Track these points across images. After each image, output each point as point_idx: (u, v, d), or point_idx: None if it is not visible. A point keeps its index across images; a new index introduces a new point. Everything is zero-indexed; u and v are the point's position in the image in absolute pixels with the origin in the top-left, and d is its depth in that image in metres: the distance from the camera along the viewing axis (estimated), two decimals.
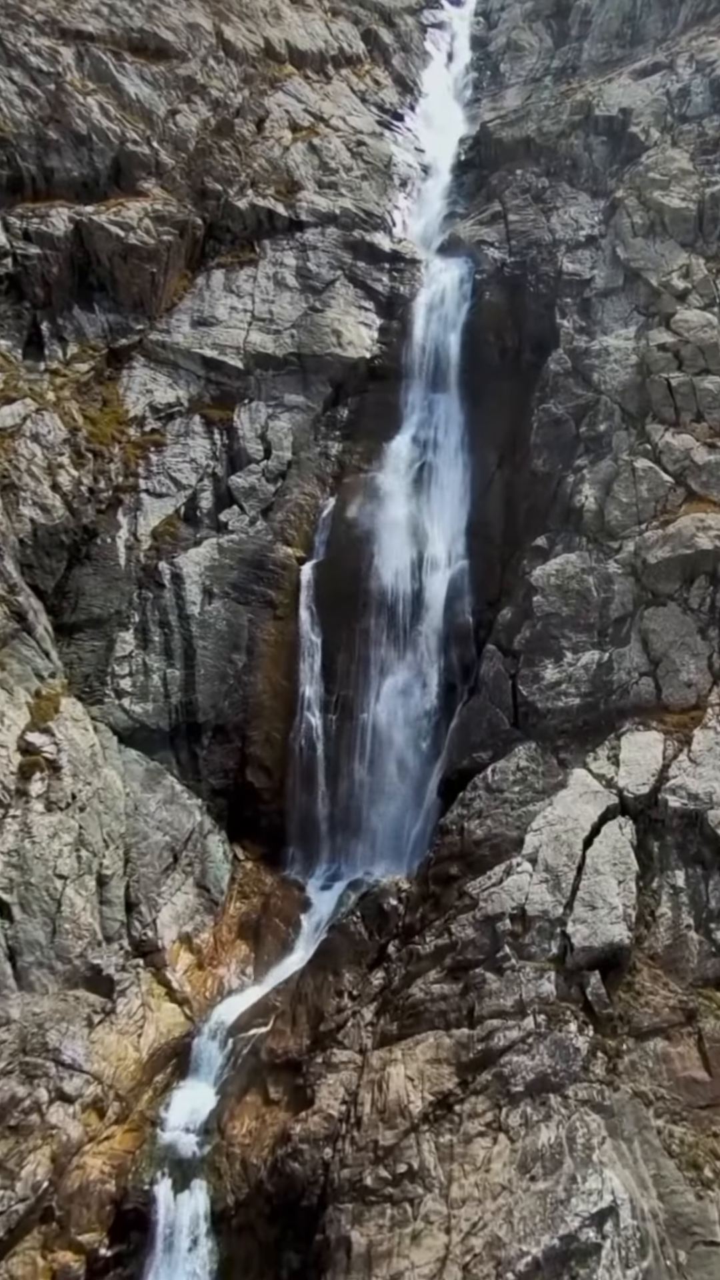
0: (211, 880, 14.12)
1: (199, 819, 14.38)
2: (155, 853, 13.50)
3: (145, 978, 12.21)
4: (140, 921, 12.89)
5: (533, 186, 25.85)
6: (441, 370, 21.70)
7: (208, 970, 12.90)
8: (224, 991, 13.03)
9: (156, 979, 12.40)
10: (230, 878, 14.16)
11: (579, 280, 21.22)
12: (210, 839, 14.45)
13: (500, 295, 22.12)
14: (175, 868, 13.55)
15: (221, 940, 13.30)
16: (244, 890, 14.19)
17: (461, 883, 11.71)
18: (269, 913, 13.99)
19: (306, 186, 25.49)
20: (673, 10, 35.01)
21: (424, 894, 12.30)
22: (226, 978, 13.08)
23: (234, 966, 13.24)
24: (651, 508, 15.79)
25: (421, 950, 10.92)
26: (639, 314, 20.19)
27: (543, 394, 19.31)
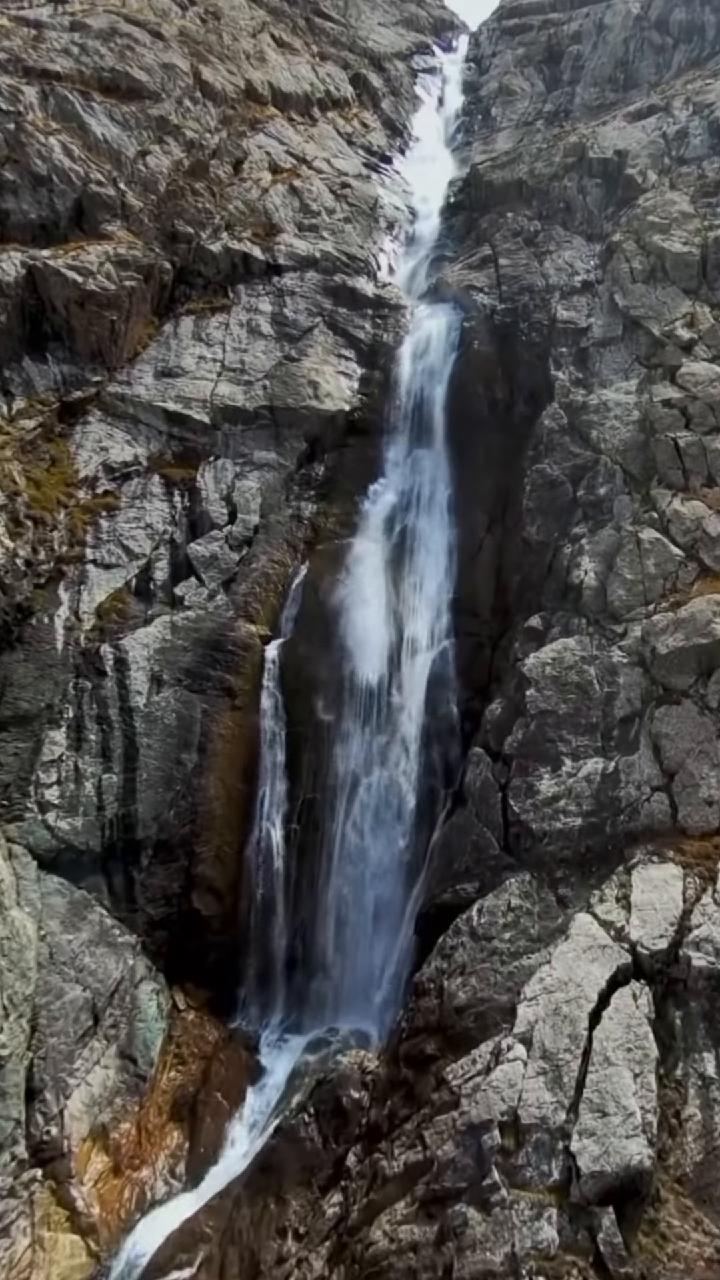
0: (140, 1046, 11.39)
1: (130, 963, 11.72)
2: (71, 1015, 10.84)
3: (42, 1200, 9.38)
4: (44, 1114, 10.14)
5: (524, 230, 24.58)
6: (426, 424, 19.99)
7: (126, 1175, 10.13)
8: (145, 1204, 10.35)
9: (56, 1199, 9.62)
10: (165, 1037, 11.45)
11: (575, 329, 19.70)
12: (143, 989, 11.78)
13: (490, 344, 20.58)
14: (95, 1032, 10.94)
15: (148, 1128, 10.51)
16: (181, 1053, 11.55)
17: (440, 1065, 9.26)
18: (210, 1084, 11.39)
19: (286, 229, 24.20)
20: (666, 56, 34.32)
21: (394, 1078, 9.79)
22: (150, 1182, 10.37)
23: (161, 1163, 10.49)
24: (660, 586, 13.92)
25: (388, 1168, 8.54)
26: (640, 365, 18.61)
27: (536, 452, 17.55)
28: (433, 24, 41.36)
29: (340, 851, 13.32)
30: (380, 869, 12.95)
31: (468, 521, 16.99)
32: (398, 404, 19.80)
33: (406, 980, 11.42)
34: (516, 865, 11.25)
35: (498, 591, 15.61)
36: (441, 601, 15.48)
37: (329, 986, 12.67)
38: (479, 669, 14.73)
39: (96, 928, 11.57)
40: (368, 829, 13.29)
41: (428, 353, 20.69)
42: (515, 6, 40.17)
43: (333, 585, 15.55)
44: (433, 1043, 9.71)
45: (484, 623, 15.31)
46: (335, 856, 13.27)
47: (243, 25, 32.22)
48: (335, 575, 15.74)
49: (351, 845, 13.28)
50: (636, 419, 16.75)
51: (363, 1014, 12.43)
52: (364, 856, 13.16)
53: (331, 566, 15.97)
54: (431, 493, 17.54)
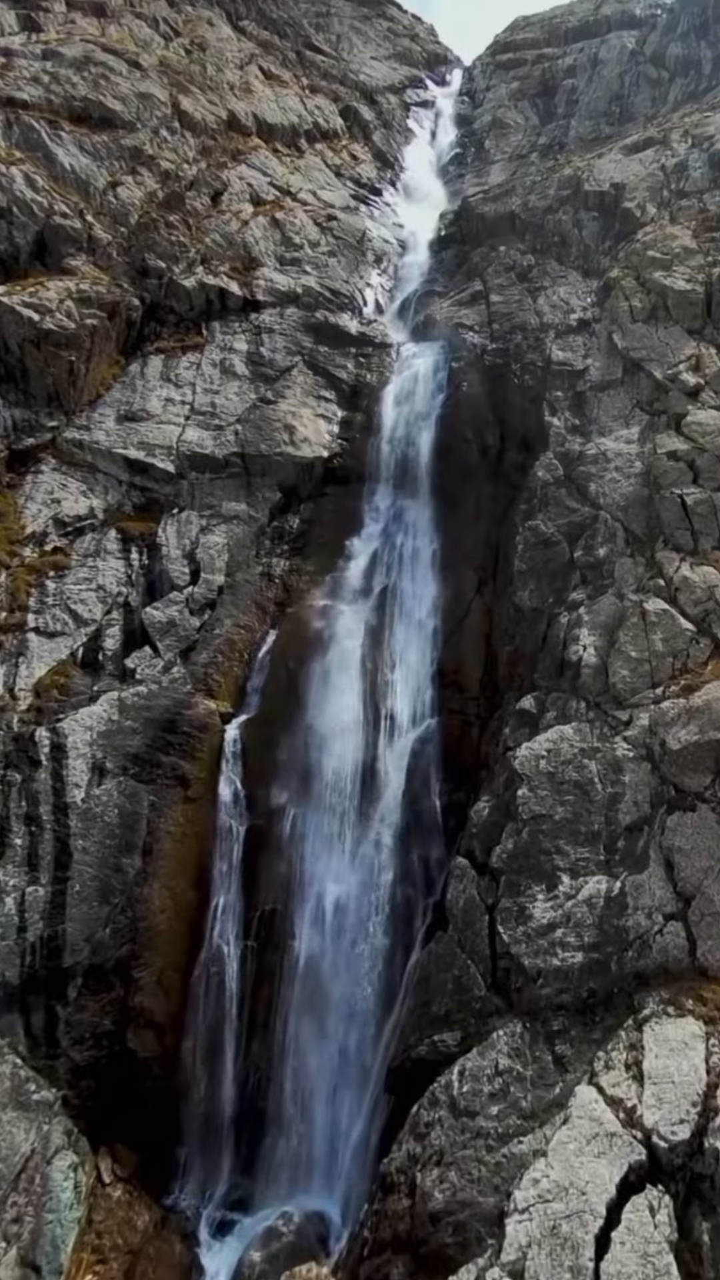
0: (47, 1249, 8.83)
1: (45, 1129, 9.31)
2: None
3: None
4: None
5: (517, 264, 23.33)
6: (411, 471, 18.44)
7: None
8: None
9: None
10: (82, 1226, 9.04)
11: (570, 371, 18.27)
12: (57, 1165, 9.30)
13: (480, 386, 19.11)
14: None
15: None
16: (102, 1247, 8.98)
17: None
18: None
19: (266, 263, 22.97)
20: (662, 90, 33.47)
21: None
22: None
23: None
24: (669, 665, 12.27)
25: None
26: (642, 411, 17.15)
27: (529, 507, 15.99)
28: (426, 58, 40.76)
29: (303, 977, 11.18)
30: (349, 1001, 10.83)
31: (455, 581, 15.40)
32: (380, 449, 18.24)
33: (375, 1149, 9.49)
34: (505, 1010, 9.23)
35: (487, 663, 13.95)
36: (424, 673, 13.76)
37: (285, 1150, 10.39)
38: (466, 753, 12.97)
39: (6, 1083, 9.20)
40: (335, 949, 11.16)
41: (414, 395, 19.24)
42: (509, 41, 39.58)
43: (304, 654, 13.89)
44: (401, 1264, 7.62)
45: (471, 699, 13.60)
46: (297, 983, 11.14)
47: (229, 57, 31.39)
48: (308, 642, 14.09)
49: (316, 969, 11.17)
50: (639, 471, 15.24)
51: (324, 1188, 10.21)
52: (331, 983, 11.01)
53: (304, 632, 14.34)
54: (416, 548, 15.98)
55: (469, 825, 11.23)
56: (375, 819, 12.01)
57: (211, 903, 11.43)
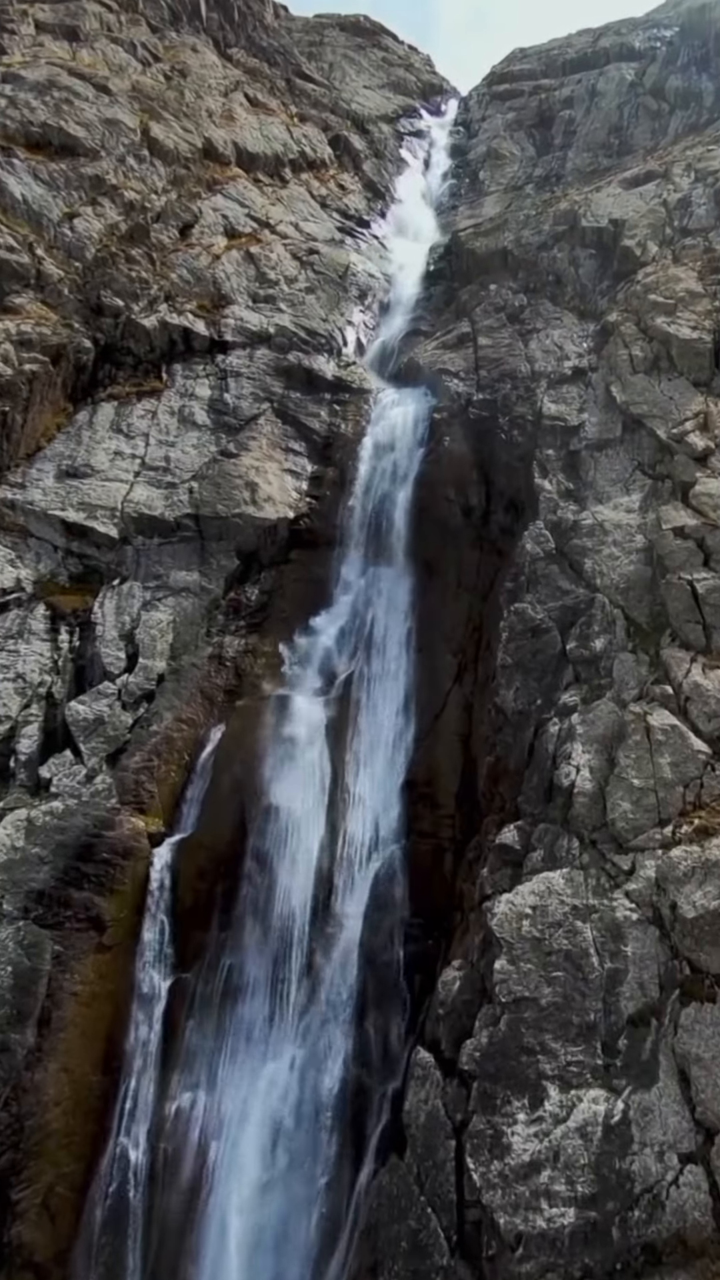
0: None
1: None
2: None
3: None
4: None
5: (508, 304, 21.49)
6: (386, 535, 16.29)
7: None
8: None
9: None
10: None
11: (564, 427, 16.22)
12: None
13: (464, 441, 17.11)
14: None
15: None
16: None
17: None
18: None
19: (237, 300, 21.13)
20: (662, 122, 31.88)
21: None
22: None
23: None
24: (679, 798, 10.13)
25: None
26: (644, 474, 15.16)
27: (516, 585, 13.89)
28: (421, 88, 39.40)
29: (226, 1194, 8.69)
30: (283, 1235, 8.66)
31: (431, 667, 13.35)
32: (353, 510, 16.18)
33: None
34: None
35: (465, 772, 11.74)
36: (392, 784, 11.49)
37: None
38: (437, 889, 10.63)
39: None
40: (270, 1156, 8.90)
41: (392, 448, 17.20)
42: (506, 72, 38.17)
43: (254, 757, 11.71)
44: None
45: (445, 817, 11.28)
46: (216, 1203, 8.61)
47: (212, 84, 29.82)
48: (259, 743, 11.93)
49: (245, 1182, 8.68)
50: (641, 547, 13.19)
51: None
52: (261, 1206, 8.69)
53: (255, 729, 12.21)
54: (388, 626, 13.90)
55: (435, 999, 8.93)
56: (327, 975, 9.77)
57: (120, 1089, 9.08)
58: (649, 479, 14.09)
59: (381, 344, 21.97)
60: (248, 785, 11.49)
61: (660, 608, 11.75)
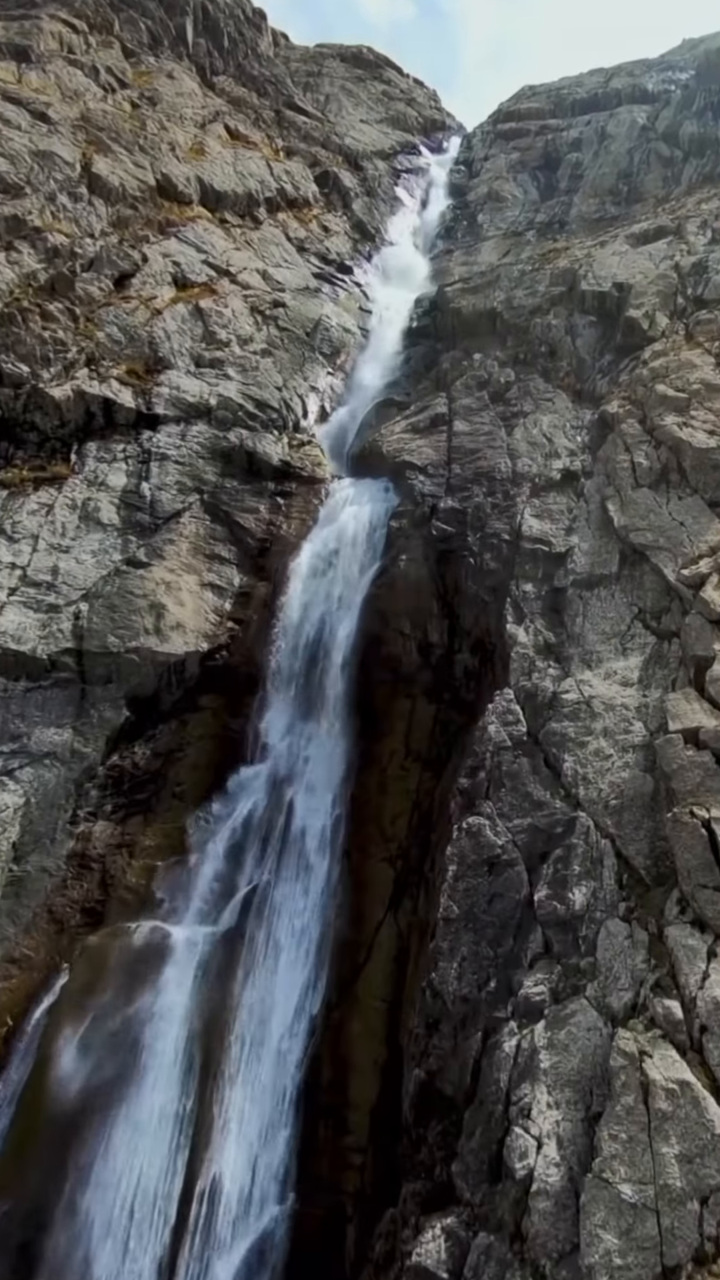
0: None
1: None
2: None
3: None
4: None
5: (493, 379, 18.27)
6: (322, 677, 12.67)
7: None
8: None
9: None
10: None
11: (547, 553, 12.80)
12: None
13: (426, 560, 13.66)
14: None
15: None
16: None
17: None
18: None
19: (175, 364, 17.92)
20: (675, 169, 28.76)
21: None
22: None
23: None
24: (692, 1228, 6.76)
25: None
26: (645, 628, 11.82)
27: (473, 784, 10.30)
28: (422, 124, 36.49)
29: None
30: None
31: (360, 883, 9.88)
32: (283, 641, 12.93)
33: None
34: None
35: (389, 1069, 8.26)
36: (284, 1086, 8.07)
37: None
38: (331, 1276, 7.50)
39: None
40: None
41: (338, 561, 13.84)
42: (513, 110, 35.24)
43: (96, 1033, 8.48)
44: None
45: (354, 1151, 7.24)
46: None
47: (187, 114, 26.81)
48: (105, 1009, 8.61)
49: None
50: (640, 742, 9.74)
51: None
52: None
53: (103, 984, 8.82)
54: (311, 814, 10.49)
55: None
56: None
57: None
58: (652, 635, 10.71)
59: (348, 413, 18.70)
60: (73, 1086, 8.00)
61: (664, 851, 8.37)
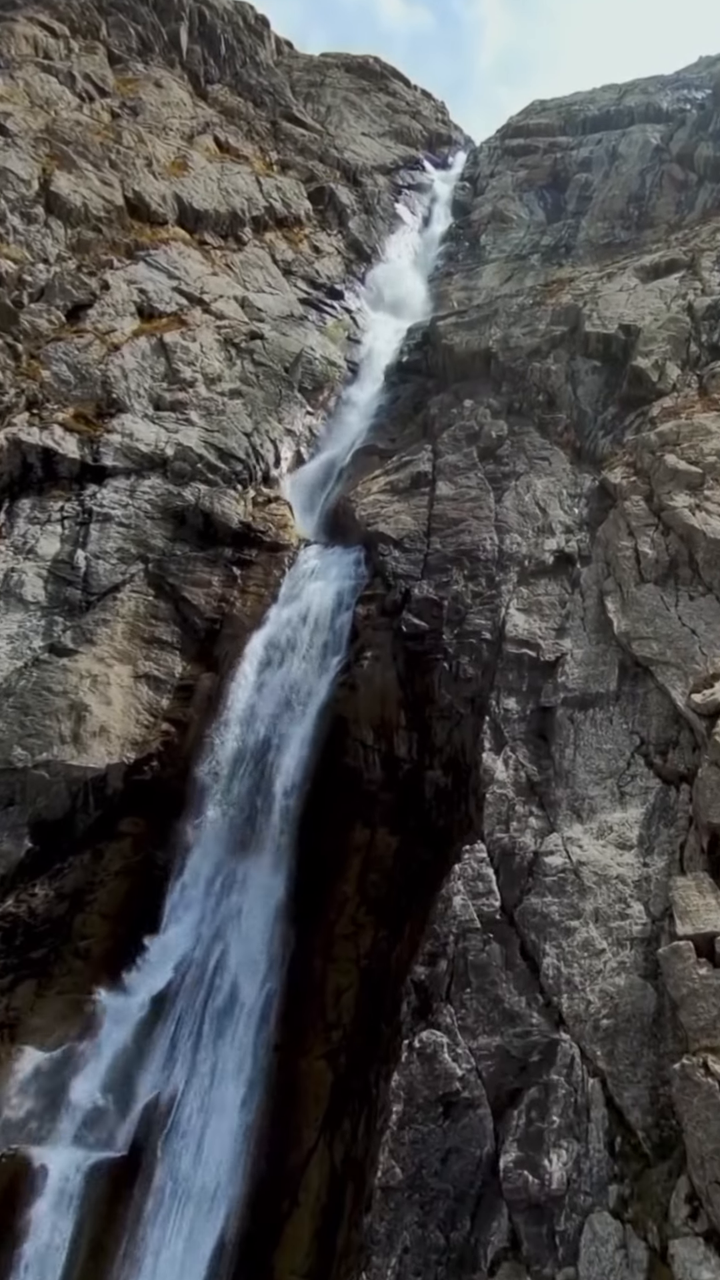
0: None
1: None
2: None
3: None
4: None
5: (484, 431, 16.22)
6: (266, 799, 10.42)
7: None
8: None
9: None
10: None
11: (534, 660, 10.59)
12: None
13: (395, 660, 11.34)
14: None
15: None
16: None
17: None
18: None
19: (132, 407, 15.97)
20: (689, 194, 26.68)
21: None
22: None
23: None
24: None
25: None
26: (649, 766, 9.70)
27: (431, 976, 7.85)
28: (427, 138, 34.41)
29: None
30: None
31: (289, 1093, 8.05)
32: (226, 749, 11.06)
33: None
34: None
35: None
36: None
37: None
38: None
39: None
40: None
41: (295, 651, 11.88)
42: (522, 126, 33.16)
43: None
44: None
45: None
46: None
47: (173, 125, 24.81)
48: None
49: None
50: (640, 934, 7.57)
51: None
52: None
53: None
54: (238, 988, 8.58)
55: None
56: None
57: None
58: (656, 778, 8.69)
59: (326, 461, 16.76)
60: None
61: (666, 1104, 6.39)
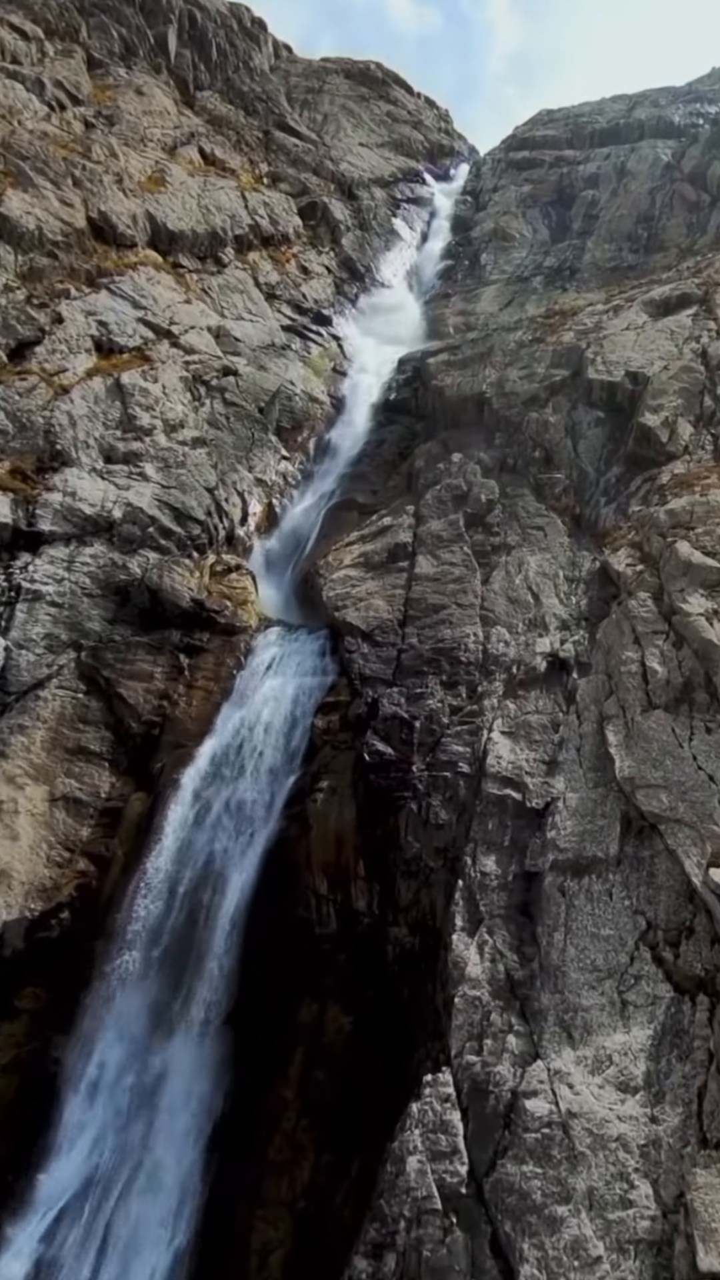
0: None
1: None
2: None
3: None
4: None
5: (473, 493, 14.25)
6: (196, 963, 9.23)
7: None
8: None
9: None
10: None
11: (518, 804, 8.63)
12: None
13: (354, 795, 9.02)
14: None
15: None
16: None
17: None
18: None
19: (78, 460, 14.13)
20: (701, 215, 24.70)
21: None
22: None
23: None
24: None
25: None
26: (655, 965, 7.64)
27: (377, 1259, 6.16)
28: (428, 149, 32.38)
29: None
30: None
31: None
32: (150, 899, 9.32)
33: None
34: None
35: None
36: None
37: None
38: None
39: None
40: None
41: (241, 772, 10.22)
42: (528, 137, 31.11)
43: None
44: None
45: None
46: None
47: (153, 135, 22.87)
48: None
49: None
50: (645, 1238, 5.30)
51: None
52: None
53: None
54: (136, 1245, 6.73)
55: None
56: None
57: None
58: (665, 982, 6.84)
59: (299, 515, 14.95)
60: None
61: None
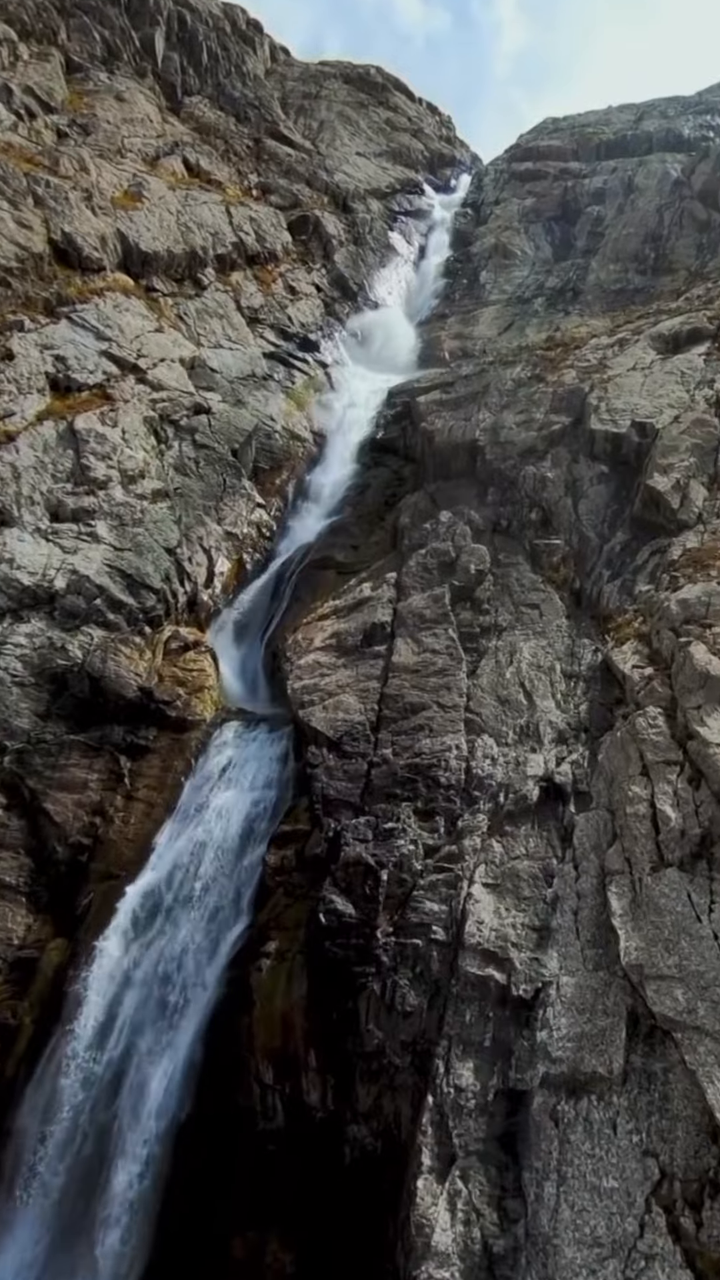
0: None
1: None
2: None
3: None
4: None
5: (460, 561, 12.64)
6: (106, 1176, 7.19)
7: None
8: None
9: None
10: None
11: (504, 993, 7.20)
12: None
13: (305, 967, 6.70)
14: None
15: None
16: None
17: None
18: None
19: (20, 519, 12.50)
20: (711, 235, 23.03)
21: None
22: None
23: None
24: None
25: None
26: (670, 1233, 5.43)
27: None
28: (428, 159, 30.59)
29: None
30: None
31: None
32: (62, 1084, 7.75)
33: None
34: None
35: None
36: None
37: None
38: None
39: None
40: None
41: (182, 913, 8.50)
42: (532, 148, 29.38)
43: None
44: None
45: None
46: None
47: (132, 145, 21.21)
48: None
49: None
50: None
51: None
52: None
53: None
54: None
55: None
56: None
57: None
58: (688, 1270, 5.44)
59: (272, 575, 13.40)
60: None
61: None
